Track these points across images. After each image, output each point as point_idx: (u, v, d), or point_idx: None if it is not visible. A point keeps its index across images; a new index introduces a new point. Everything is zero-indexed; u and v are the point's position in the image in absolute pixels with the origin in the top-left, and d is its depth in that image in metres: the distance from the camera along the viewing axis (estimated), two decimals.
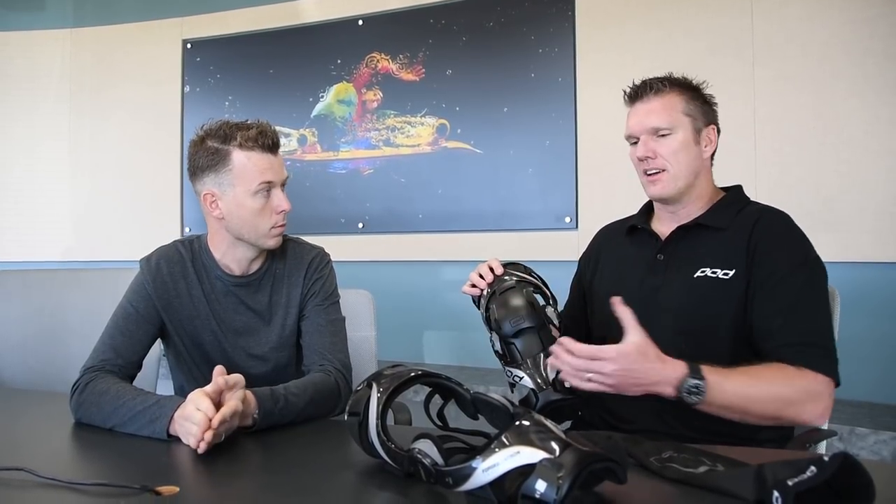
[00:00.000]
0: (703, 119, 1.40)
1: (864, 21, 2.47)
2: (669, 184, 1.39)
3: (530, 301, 1.34)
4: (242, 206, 1.41)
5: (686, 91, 1.41)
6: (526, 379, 1.26)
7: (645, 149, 1.39)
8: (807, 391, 1.20)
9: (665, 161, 1.38)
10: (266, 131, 1.41)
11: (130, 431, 1.20)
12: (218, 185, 1.42)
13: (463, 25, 3.23)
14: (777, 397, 1.19)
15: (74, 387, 1.32)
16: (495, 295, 1.36)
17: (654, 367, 1.16)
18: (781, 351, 1.23)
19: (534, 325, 1.30)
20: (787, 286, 1.27)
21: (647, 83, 1.41)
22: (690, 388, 1.16)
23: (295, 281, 1.52)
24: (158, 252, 1.51)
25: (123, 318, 1.45)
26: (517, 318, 1.30)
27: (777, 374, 1.20)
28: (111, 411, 1.23)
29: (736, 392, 1.18)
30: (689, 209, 1.42)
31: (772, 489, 0.78)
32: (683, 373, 1.16)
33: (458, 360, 3.22)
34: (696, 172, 1.40)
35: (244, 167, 1.39)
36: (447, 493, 0.86)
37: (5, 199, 3.96)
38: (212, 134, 1.42)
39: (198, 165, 1.43)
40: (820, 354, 1.23)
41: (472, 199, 3.19)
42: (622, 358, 1.14)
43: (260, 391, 1.23)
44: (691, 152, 1.39)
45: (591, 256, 1.60)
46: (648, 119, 1.39)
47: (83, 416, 1.28)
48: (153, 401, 1.20)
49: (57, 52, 3.97)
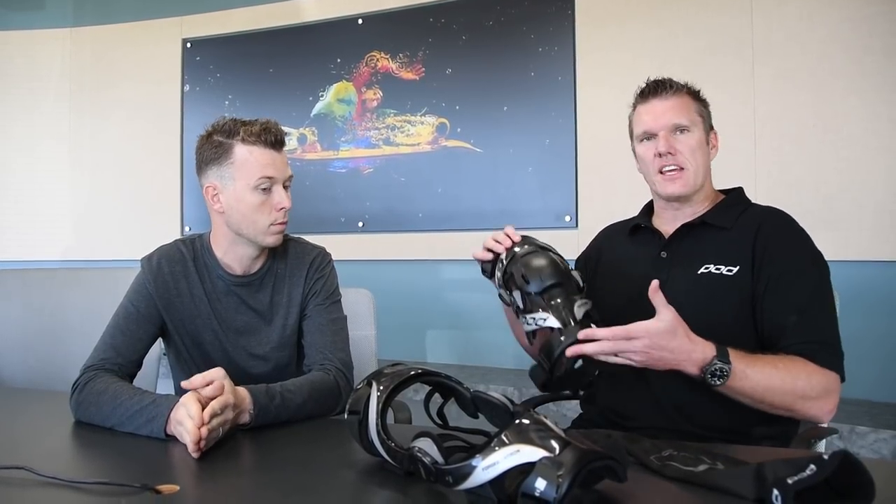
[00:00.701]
0: (709, 122, 1.44)
1: (863, 19, 2.47)
2: (689, 182, 1.39)
3: (555, 260, 1.29)
4: (242, 200, 1.41)
5: (693, 94, 1.43)
6: (551, 319, 1.19)
7: (666, 144, 1.38)
8: (822, 387, 1.21)
9: (685, 159, 1.38)
10: (270, 128, 1.42)
11: (129, 430, 1.20)
12: (220, 179, 1.43)
13: (463, 24, 3.23)
14: (794, 391, 1.20)
15: (74, 386, 1.32)
16: (516, 258, 1.31)
17: (683, 346, 1.16)
18: (795, 348, 1.24)
19: (560, 281, 1.24)
20: (800, 285, 1.29)
21: (665, 81, 1.42)
22: (715, 371, 1.16)
23: (296, 280, 1.52)
24: (160, 251, 1.51)
25: (124, 317, 1.45)
26: (545, 275, 1.24)
27: (800, 368, 1.21)
28: (110, 410, 1.23)
29: (759, 381, 1.18)
30: (694, 209, 1.43)
31: (772, 487, 0.78)
32: (711, 354, 1.17)
33: (459, 358, 3.22)
34: (707, 173, 1.43)
35: (245, 161, 1.40)
36: (447, 491, 0.86)
37: (5, 198, 3.96)
38: (218, 129, 1.43)
39: (203, 159, 1.45)
40: (831, 352, 1.25)
41: (472, 198, 3.19)
42: (650, 336, 1.14)
43: (254, 387, 1.23)
44: (705, 153, 1.41)
45: (590, 256, 1.60)
46: (669, 115, 1.39)
47: (83, 414, 1.28)
48: (150, 400, 1.20)
49: (57, 51, 3.97)
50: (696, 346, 1.17)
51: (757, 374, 1.18)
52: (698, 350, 1.17)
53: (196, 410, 1.09)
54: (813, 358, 1.23)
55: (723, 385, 1.17)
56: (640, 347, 1.14)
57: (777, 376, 1.19)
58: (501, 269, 1.34)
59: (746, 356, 1.19)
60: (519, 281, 1.27)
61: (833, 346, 1.26)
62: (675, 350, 1.15)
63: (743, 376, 1.17)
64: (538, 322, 1.21)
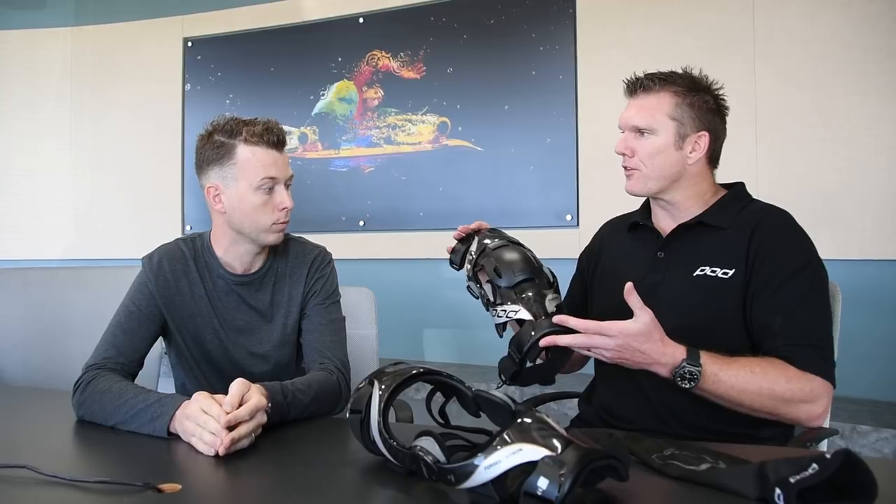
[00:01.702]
0: (693, 125, 1.36)
1: (864, 18, 2.46)
2: (639, 182, 1.40)
3: (527, 255, 1.30)
4: (244, 200, 1.41)
5: (682, 94, 1.36)
6: (522, 311, 1.19)
7: (623, 145, 1.40)
8: (803, 391, 1.20)
9: (640, 161, 1.38)
10: (272, 128, 1.42)
11: (131, 429, 1.20)
12: (222, 179, 1.42)
13: (464, 23, 3.23)
14: (772, 395, 1.19)
15: (76, 385, 1.32)
16: (487, 251, 1.31)
17: (655, 348, 1.17)
18: (780, 351, 1.23)
19: (532, 276, 1.25)
20: (789, 287, 1.27)
21: (640, 80, 1.40)
22: (684, 374, 1.17)
23: (297, 280, 1.53)
24: (160, 250, 1.51)
25: (126, 316, 1.45)
26: (517, 269, 1.25)
27: (778, 371, 1.20)
28: (113, 409, 1.23)
29: (732, 384, 1.18)
30: (686, 207, 1.41)
31: (774, 486, 0.78)
32: (681, 357, 1.17)
33: (460, 357, 3.22)
34: (674, 177, 1.38)
35: (248, 161, 1.40)
36: (449, 490, 0.86)
37: (7, 197, 3.97)
38: (219, 128, 1.43)
39: (203, 159, 1.44)
40: (816, 356, 1.23)
41: (473, 197, 3.19)
42: (624, 336, 1.15)
43: (270, 385, 1.22)
44: (670, 157, 1.36)
45: (593, 251, 1.60)
46: (634, 117, 1.39)
47: (85, 413, 1.28)
48: (154, 399, 1.20)
49: (58, 50, 3.97)
50: (667, 348, 1.18)
51: (731, 378, 1.18)
52: (668, 353, 1.18)
53: (217, 409, 1.08)
54: (796, 361, 1.21)
55: (693, 388, 1.18)
56: (613, 346, 1.16)
57: (752, 380, 1.19)
58: (472, 261, 1.35)
59: (721, 359, 1.20)
60: (490, 274, 1.27)
61: (820, 350, 1.24)
62: (647, 352, 1.17)
63: (715, 379, 1.18)
64: (509, 314, 1.22)
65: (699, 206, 1.41)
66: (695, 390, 1.19)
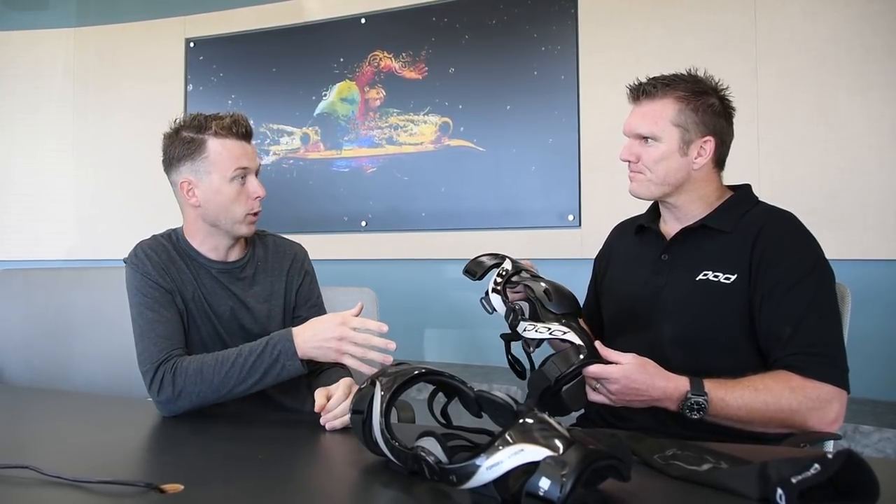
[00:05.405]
0: (698, 130, 1.35)
1: (866, 18, 2.46)
2: (643, 186, 1.40)
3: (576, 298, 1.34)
4: (219, 192, 1.44)
5: (686, 99, 1.35)
6: (572, 335, 1.22)
7: (628, 153, 1.41)
8: (812, 400, 1.20)
9: (645, 167, 1.38)
10: (239, 120, 1.46)
11: (251, 385, 1.26)
12: (194, 173, 1.46)
13: (465, 23, 3.23)
14: (781, 409, 1.19)
15: (156, 385, 1.30)
16: (538, 278, 1.34)
17: (657, 385, 1.19)
18: (789, 360, 1.23)
19: (577, 314, 1.29)
20: (796, 295, 1.26)
21: (642, 86, 1.39)
22: (691, 405, 1.19)
23: (277, 273, 1.57)
24: (140, 245, 1.52)
25: (148, 308, 1.42)
26: (571, 302, 1.28)
27: (782, 385, 1.20)
28: (223, 378, 1.27)
29: (739, 406, 1.19)
30: (690, 211, 1.41)
31: (776, 486, 0.78)
32: (685, 389, 1.19)
33: (462, 357, 3.22)
34: (679, 182, 1.38)
35: (220, 154, 1.44)
36: (451, 490, 0.86)
37: (9, 198, 3.97)
38: (186, 125, 1.48)
39: (173, 156, 1.48)
40: (827, 364, 1.22)
41: (475, 198, 3.19)
42: (625, 378, 1.17)
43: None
44: (675, 163, 1.36)
45: (604, 254, 1.61)
46: (636, 124, 1.39)
47: (185, 401, 1.29)
48: (258, 346, 1.27)
49: (60, 51, 3.97)
50: (669, 382, 1.19)
51: (737, 400, 1.19)
52: (671, 386, 1.19)
53: (374, 323, 1.28)
54: (804, 370, 1.21)
55: (704, 417, 1.19)
56: (614, 390, 1.19)
57: (758, 399, 1.19)
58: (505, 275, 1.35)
59: (725, 383, 1.20)
60: (539, 294, 1.28)
61: (829, 357, 1.23)
62: (650, 388, 1.19)
63: (723, 405, 1.19)
64: (554, 332, 1.23)
65: (704, 209, 1.40)
66: (706, 419, 1.19)
